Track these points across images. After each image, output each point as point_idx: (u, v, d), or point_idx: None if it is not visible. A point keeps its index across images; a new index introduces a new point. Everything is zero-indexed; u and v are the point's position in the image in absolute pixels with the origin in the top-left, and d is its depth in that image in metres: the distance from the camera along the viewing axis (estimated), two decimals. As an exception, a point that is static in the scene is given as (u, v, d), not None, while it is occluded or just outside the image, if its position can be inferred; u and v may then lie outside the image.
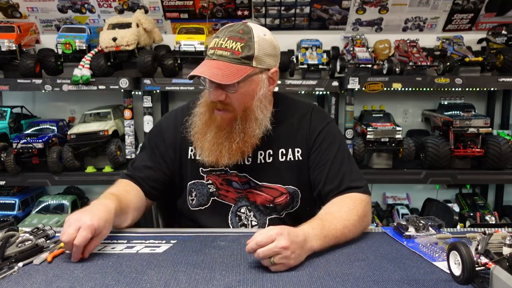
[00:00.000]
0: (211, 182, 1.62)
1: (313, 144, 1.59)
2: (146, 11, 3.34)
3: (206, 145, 1.51)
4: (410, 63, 3.07)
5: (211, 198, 1.62)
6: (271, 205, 1.60)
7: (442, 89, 3.10)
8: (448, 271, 1.12)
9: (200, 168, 1.62)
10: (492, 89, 3.36)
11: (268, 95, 1.54)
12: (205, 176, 1.62)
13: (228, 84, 1.41)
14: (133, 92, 3.19)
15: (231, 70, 1.40)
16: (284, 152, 1.59)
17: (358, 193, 1.51)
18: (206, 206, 1.63)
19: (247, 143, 1.51)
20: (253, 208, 1.61)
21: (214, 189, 1.62)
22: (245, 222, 1.61)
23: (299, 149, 1.60)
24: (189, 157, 1.63)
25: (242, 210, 1.61)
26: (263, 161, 1.59)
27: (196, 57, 3.08)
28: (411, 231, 1.40)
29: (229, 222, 1.61)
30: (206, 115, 1.53)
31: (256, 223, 1.61)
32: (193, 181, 1.64)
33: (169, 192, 1.70)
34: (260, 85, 1.49)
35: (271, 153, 1.59)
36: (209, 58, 1.45)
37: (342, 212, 1.41)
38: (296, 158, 1.60)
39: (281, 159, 1.59)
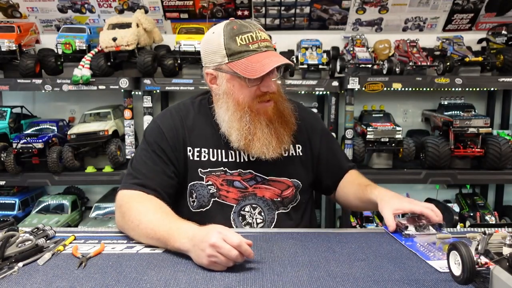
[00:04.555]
0: (211, 183, 1.61)
1: (320, 143, 1.74)
2: (146, 11, 3.34)
3: (267, 139, 1.54)
4: (410, 63, 3.07)
5: (212, 199, 1.61)
6: (278, 199, 1.63)
7: (442, 89, 3.10)
8: (443, 270, 1.12)
9: (199, 169, 1.60)
10: (492, 89, 3.36)
11: None
12: (204, 177, 1.61)
13: (281, 71, 1.56)
14: (133, 92, 3.19)
15: (284, 58, 1.51)
16: (286, 148, 1.64)
17: (354, 170, 1.83)
18: (207, 207, 1.61)
19: (293, 121, 1.62)
20: (261, 204, 1.62)
21: (215, 190, 1.60)
22: (250, 221, 1.60)
23: (299, 146, 1.69)
24: (187, 158, 1.61)
25: (246, 209, 1.61)
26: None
27: (196, 57, 3.08)
28: (411, 230, 1.40)
29: (232, 222, 1.60)
30: (249, 116, 1.52)
31: (261, 220, 1.61)
32: (192, 183, 1.62)
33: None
34: None
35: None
36: (256, 52, 1.47)
37: (366, 180, 1.75)
38: (298, 154, 1.69)
39: (284, 154, 1.64)
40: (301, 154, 1.69)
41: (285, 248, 1.34)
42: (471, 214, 3.17)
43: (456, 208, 3.22)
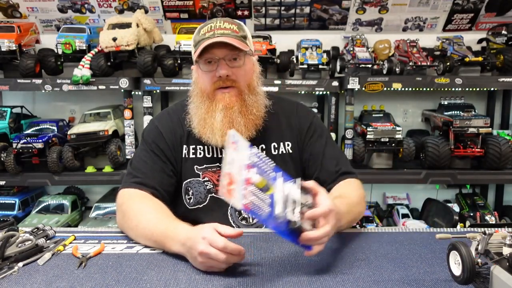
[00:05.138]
0: (207, 179, 1.62)
1: (305, 137, 1.67)
2: (146, 11, 3.34)
3: (217, 126, 1.52)
4: (410, 63, 3.07)
5: (209, 195, 1.62)
6: None
7: (442, 89, 3.10)
8: (232, 204, 1.05)
9: (195, 166, 1.62)
10: (492, 89, 3.36)
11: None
12: (200, 173, 1.62)
13: (237, 57, 1.49)
14: (133, 92, 3.19)
15: (238, 42, 1.48)
16: (276, 146, 1.65)
17: (353, 178, 1.64)
18: (204, 203, 1.62)
19: (260, 113, 1.58)
20: None
21: (211, 186, 1.62)
22: (246, 216, 1.61)
23: (289, 143, 1.67)
24: (183, 156, 1.63)
25: None
26: None
27: (196, 57, 3.09)
28: (293, 190, 1.13)
29: (229, 217, 1.61)
30: (206, 102, 1.55)
31: None
32: (188, 180, 1.63)
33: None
34: (255, 66, 1.61)
35: (264, 147, 1.64)
36: (209, 39, 1.47)
37: (353, 194, 1.54)
38: (287, 152, 1.66)
39: (274, 152, 1.64)
40: (290, 151, 1.66)
41: (285, 248, 1.34)
42: (471, 214, 3.18)
43: (456, 208, 3.22)
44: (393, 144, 3.03)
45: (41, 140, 2.98)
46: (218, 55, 1.48)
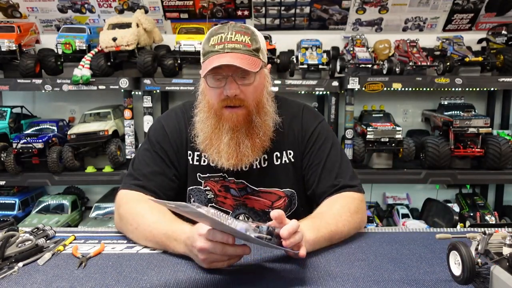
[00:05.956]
0: (209, 188, 1.58)
1: (306, 145, 1.59)
2: (146, 11, 3.34)
3: (224, 148, 1.45)
4: (410, 63, 3.07)
5: (209, 205, 1.59)
6: (270, 210, 1.56)
7: (442, 89, 3.11)
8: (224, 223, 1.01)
9: (198, 174, 1.58)
10: (492, 89, 3.36)
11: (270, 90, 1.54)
12: (203, 182, 1.59)
13: (247, 75, 1.40)
14: (133, 92, 3.19)
15: (249, 61, 1.39)
16: (279, 155, 1.58)
17: (351, 192, 1.52)
18: None
19: (267, 136, 1.50)
20: (252, 215, 1.58)
21: (212, 196, 1.59)
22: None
23: (290, 151, 1.59)
24: (187, 161, 1.59)
25: (240, 218, 1.59)
26: (258, 166, 1.56)
27: (196, 57, 3.08)
28: (247, 228, 1.08)
29: None
30: (213, 119, 1.47)
31: None
32: (191, 187, 1.60)
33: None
34: (266, 79, 1.51)
35: (266, 157, 1.56)
36: (218, 53, 1.38)
37: (334, 209, 1.43)
38: (289, 161, 1.59)
39: (276, 163, 1.57)
40: (292, 160, 1.58)
41: (285, 248, 1.34)
42: (471, 214, 3.18)
43: (456, 208, 3.22)
44: (393, 144, 3.03)
45: (41, 140, 2.98)
46: (227, 72, 1.39)
